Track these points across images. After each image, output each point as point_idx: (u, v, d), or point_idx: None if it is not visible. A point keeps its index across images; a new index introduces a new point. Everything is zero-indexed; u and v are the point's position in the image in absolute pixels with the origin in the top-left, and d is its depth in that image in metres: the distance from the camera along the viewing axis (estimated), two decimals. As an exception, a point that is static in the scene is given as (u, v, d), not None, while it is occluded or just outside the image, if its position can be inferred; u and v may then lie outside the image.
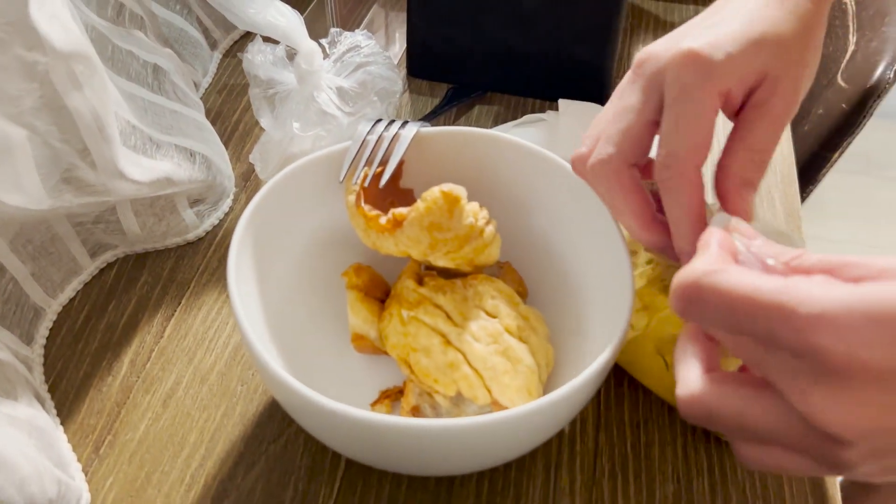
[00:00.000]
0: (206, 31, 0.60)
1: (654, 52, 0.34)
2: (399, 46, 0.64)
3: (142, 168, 0.41)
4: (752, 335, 0.26)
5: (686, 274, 0.27)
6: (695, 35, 0.33)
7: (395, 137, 0.42)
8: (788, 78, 0.35)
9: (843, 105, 0.70)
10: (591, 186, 0.37)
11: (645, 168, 0.38)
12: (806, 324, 0.24)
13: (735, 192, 0.34)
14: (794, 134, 0.69)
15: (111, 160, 0.38)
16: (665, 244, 0.35)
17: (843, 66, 0.73)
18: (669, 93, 0.33)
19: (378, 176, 0.41)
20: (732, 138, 0.35)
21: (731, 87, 0.33)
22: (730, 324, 0.26)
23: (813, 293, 0.24)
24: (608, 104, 0.37)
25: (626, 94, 0.36)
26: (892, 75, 0.68)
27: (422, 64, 0.61)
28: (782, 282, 0.25)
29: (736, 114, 0.35)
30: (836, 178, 0.86)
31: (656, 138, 0.35)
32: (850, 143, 0.72)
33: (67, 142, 0.37)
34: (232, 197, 0.52)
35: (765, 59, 0.34)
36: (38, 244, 0.43)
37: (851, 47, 0.74)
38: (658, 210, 0.36)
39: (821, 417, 0.25)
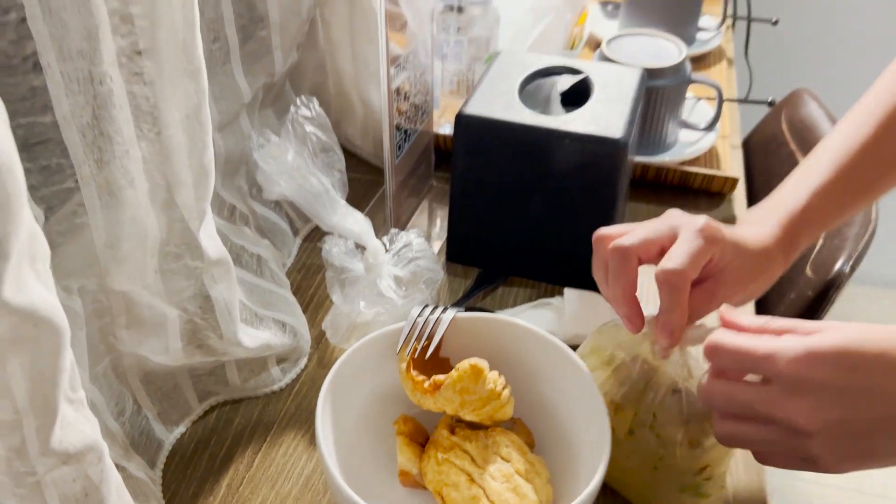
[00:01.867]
0: (290, 222, 0.76)
1: (687, 218, 0.54)
2: (440, 234, 0.80)
3: (250, 337, 0.56)
4: (749, 371, 0.46)
5: (711, 337, 0.46)
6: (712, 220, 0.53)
7: (437, 320, 0.56)
8: (731, 276, 0.53)
9: (810, 293, 0.83)
10: (603, 257, 0.55)
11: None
12: (780, 363, 0.42)
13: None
14: (772, 313, 0.82)
15: (233, 333, 0.53)
16: (634, 321, 0.53)
17: (811, 258, 0.87)
18: (683, 235, 0.51)
19: (424, 349, 0.55)
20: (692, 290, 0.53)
21: (714, 257, 0.51)
22: (736, 366, 0.46)
23: (783, 346, 0.43)
24: (649, 222, 0.55)
25: (660, 226, 0.54)
26: (847, 270, 0.81)
27: (459, 251, 0.76)
28: (766, 341, 0.44)
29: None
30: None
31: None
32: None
33: (205, 319, 0.52)
34: (307, 356, 0.66)
35: (729, 257, 0.52)
36: (164, 390, 0.57)
37: (819, 242, 0.88)
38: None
39: (794, 417, 0.43)
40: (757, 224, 0.57)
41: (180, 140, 0.44)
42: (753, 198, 0.93)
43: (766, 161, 1.10)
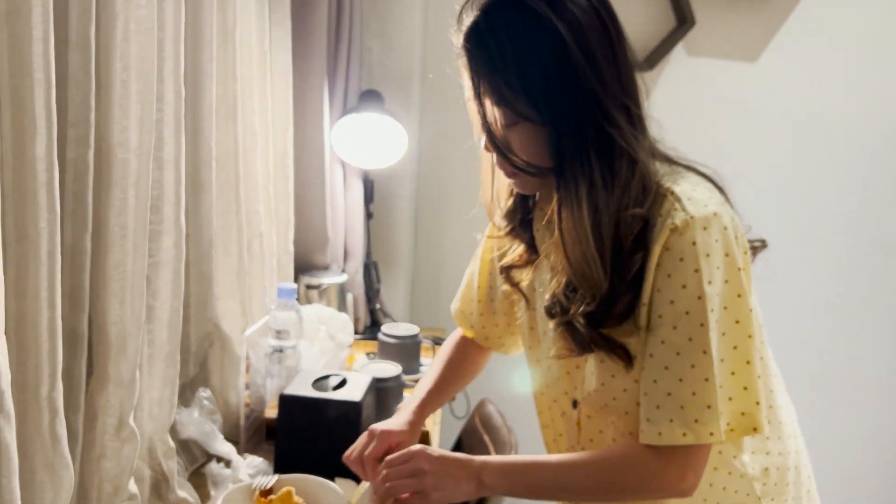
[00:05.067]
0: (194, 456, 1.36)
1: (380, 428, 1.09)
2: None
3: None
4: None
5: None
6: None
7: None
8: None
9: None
10: (350, 462, 1.07)
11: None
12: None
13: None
14: None
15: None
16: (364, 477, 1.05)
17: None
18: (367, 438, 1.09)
19: (265, 490, 1.16)
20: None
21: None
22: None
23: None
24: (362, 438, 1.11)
25: (364, 438, 1.09)
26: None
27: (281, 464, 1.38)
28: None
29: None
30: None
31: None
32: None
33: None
34: None
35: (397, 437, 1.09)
36: None
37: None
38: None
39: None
40: (403, 412, 1.18)
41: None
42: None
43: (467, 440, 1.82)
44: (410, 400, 1.22)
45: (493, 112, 0.92)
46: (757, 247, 0.99)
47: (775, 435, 1.03)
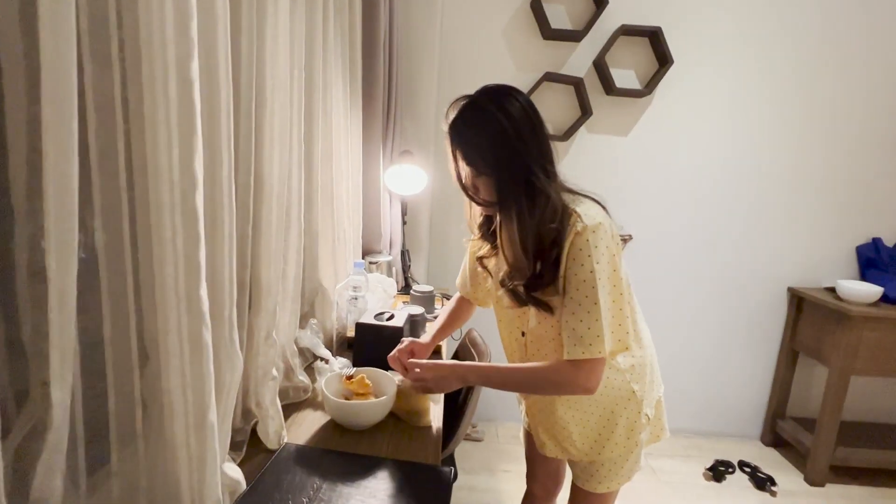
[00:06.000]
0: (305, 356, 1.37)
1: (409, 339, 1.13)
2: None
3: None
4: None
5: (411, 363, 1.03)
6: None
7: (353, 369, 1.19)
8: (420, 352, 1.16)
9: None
10: (391, 359, 1.09)
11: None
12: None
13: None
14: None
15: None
16: (404, 374, 1.06)
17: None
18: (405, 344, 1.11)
19: (349, 376, 1.17)
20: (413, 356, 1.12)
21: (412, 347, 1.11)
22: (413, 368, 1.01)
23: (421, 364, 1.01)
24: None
25: (402, 344, 1.14)
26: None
27: (358, 361, 1.39)
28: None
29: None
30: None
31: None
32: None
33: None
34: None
35: (418, 347, 1.14)
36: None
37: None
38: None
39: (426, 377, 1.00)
40: (425, 336, 1.21)
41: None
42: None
43: (461, 351, 1.83)
44: (429, 330, 1.23)
45: (465, 169, 0.93)
46: (626, 239, 1.00)
47: (637, 345, 1.03)
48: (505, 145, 0.87)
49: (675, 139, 2.37)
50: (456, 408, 1.49)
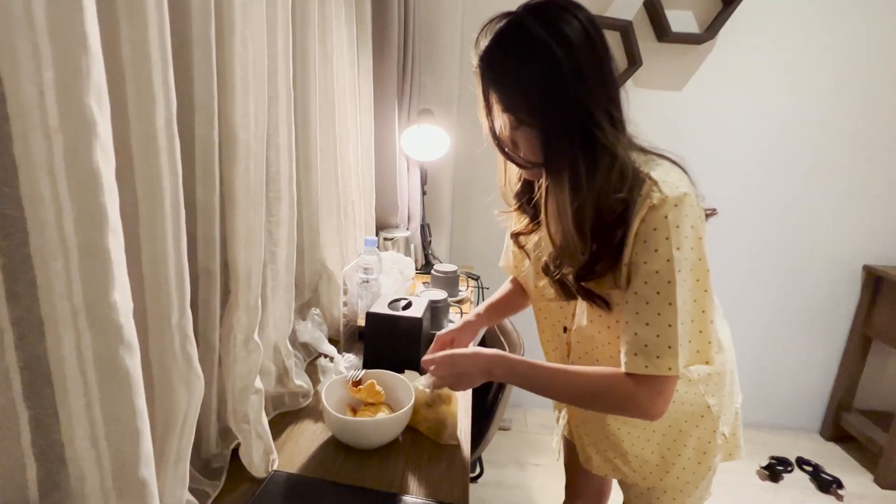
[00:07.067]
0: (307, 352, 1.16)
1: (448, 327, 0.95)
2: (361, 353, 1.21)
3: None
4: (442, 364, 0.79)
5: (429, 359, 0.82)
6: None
7: (360, 372, 0.97)
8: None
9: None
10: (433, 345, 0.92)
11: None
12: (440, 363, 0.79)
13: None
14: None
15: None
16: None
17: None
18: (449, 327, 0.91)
19: (356, 380, 0.95)
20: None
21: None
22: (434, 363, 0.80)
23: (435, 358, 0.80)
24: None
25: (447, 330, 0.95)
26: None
27: (369, 362, 1.18)
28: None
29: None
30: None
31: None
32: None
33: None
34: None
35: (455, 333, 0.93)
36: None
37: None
38: None
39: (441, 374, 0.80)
40: (468, 314, 1.02)
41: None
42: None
43: (489, 339, 1.61)
44: (478, 307, 1.06)
45: (500, 117, 0.71)
46: (710, 214, 0.75)
47: (716, 350, 0.83)
48: (558, 83, 0.66)
49: (738, 95, 2.05)
50: (485, 405, 1.29)
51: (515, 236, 0.90)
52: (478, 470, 1.88)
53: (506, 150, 0.73)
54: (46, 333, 0.41)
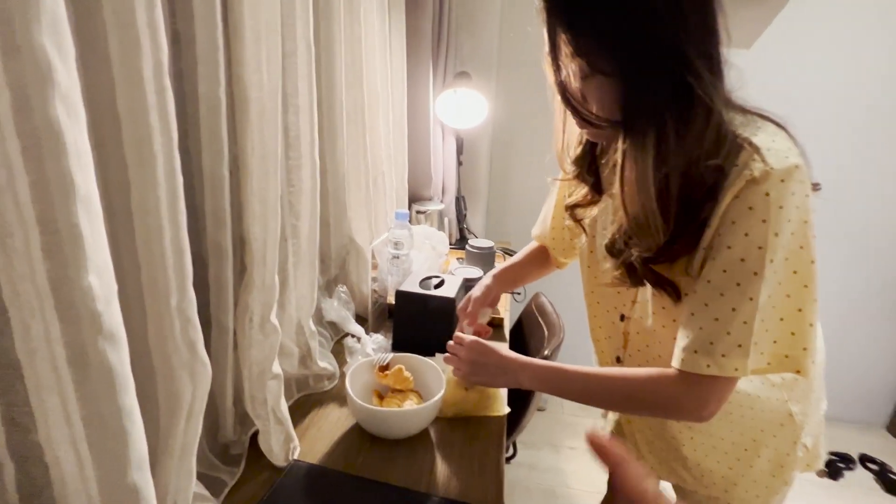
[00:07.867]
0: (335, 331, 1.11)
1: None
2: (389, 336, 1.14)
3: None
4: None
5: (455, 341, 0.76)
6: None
7: (388, 356, 0.90)
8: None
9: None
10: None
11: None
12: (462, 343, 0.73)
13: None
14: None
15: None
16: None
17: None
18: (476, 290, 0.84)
19: (383, 365, 0.88)
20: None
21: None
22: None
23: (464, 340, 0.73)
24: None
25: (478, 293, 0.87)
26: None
27: (398, 344, 1.11)
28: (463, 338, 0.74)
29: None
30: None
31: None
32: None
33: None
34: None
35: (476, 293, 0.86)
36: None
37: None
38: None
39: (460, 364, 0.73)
40: (485, 277, 0.94)
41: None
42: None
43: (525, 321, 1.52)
44: (494, 269, 0.98)
45: (570, 64, 0.56)
46: (814, 188, 0.61)
47: (811, 359, 0.70)
48: (644, 22, 0.52)
49: (814, 55, 1.81)
50: (522, 393, 1.21)
51: (571, 208, 0.78)
52: (511, 451, 1.83)
53: (574, 104, 0.60)
54: (12, 321, 0.35)
